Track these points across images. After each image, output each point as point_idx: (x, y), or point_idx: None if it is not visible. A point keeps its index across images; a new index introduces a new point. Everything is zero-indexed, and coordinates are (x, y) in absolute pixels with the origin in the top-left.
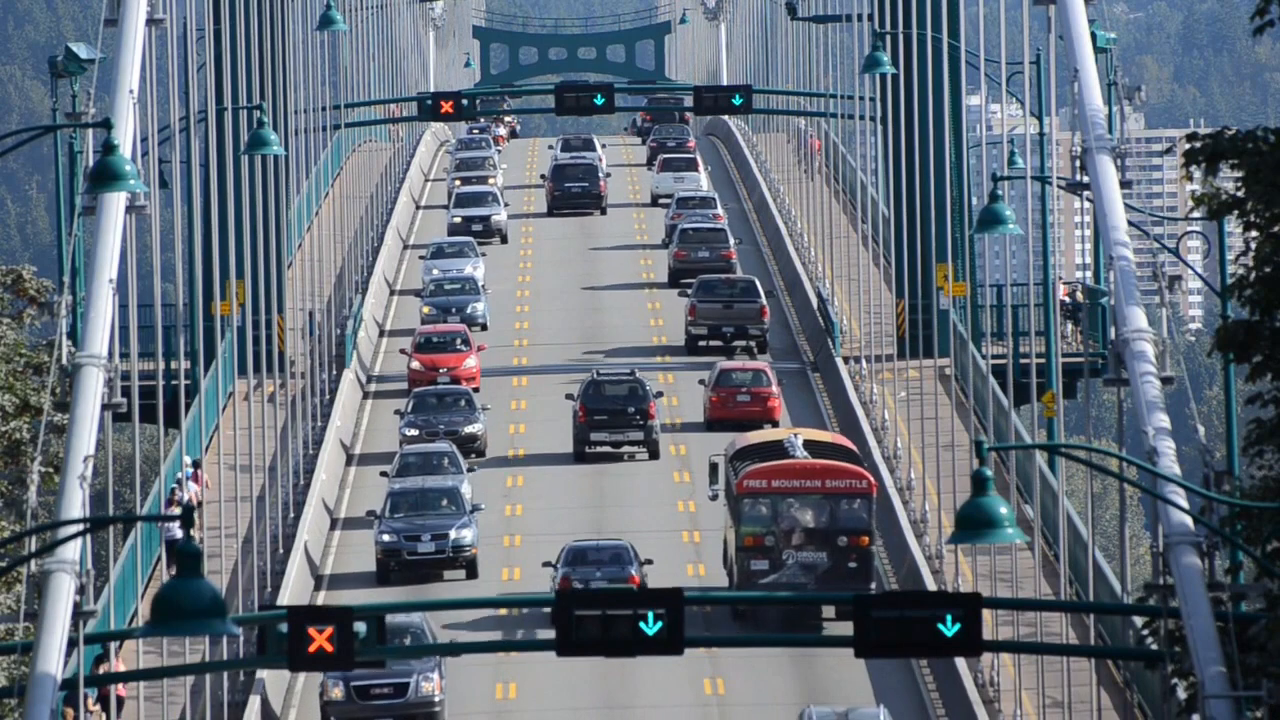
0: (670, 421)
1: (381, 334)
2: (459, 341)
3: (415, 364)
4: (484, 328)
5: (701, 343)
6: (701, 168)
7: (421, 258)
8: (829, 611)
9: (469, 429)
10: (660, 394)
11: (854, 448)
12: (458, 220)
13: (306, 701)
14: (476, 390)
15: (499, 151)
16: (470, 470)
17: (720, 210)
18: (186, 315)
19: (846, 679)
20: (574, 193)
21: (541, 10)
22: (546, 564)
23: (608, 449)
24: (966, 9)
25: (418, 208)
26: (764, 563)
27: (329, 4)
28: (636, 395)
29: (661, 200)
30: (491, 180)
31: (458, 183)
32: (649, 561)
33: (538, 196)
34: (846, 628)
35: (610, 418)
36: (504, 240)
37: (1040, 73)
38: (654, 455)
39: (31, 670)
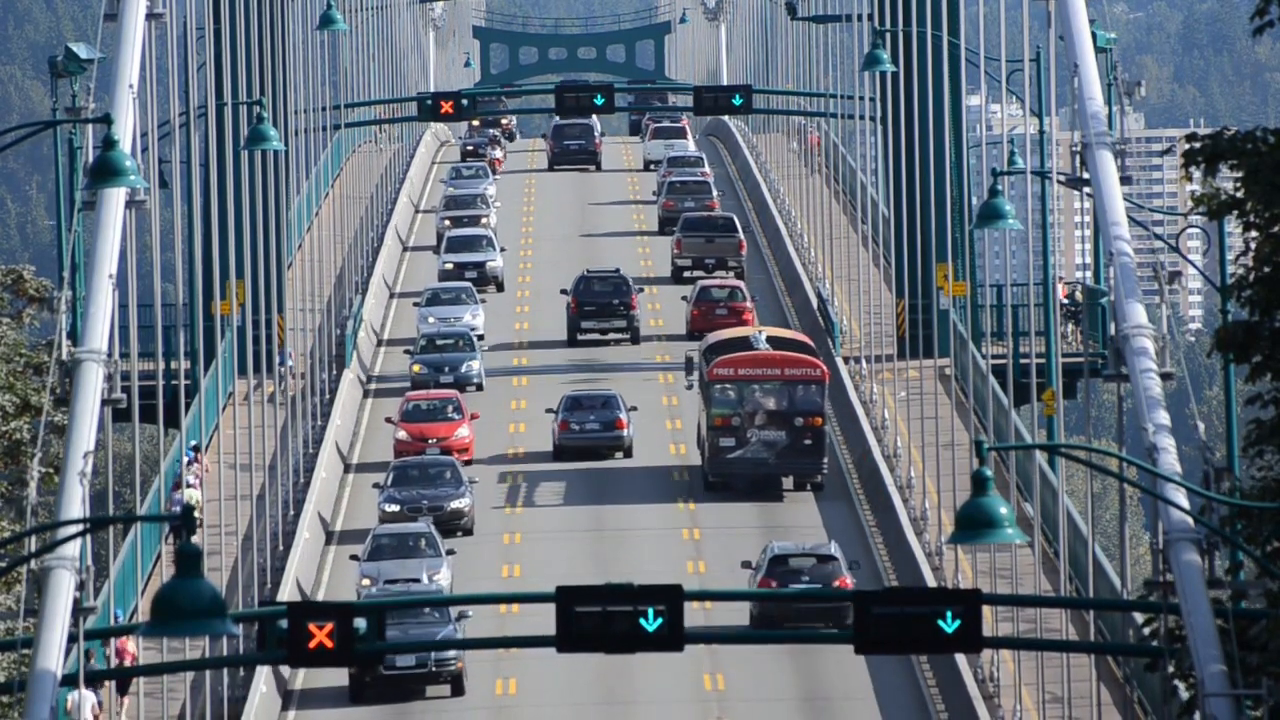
0: (657, 333)
1: (380, 344)
2: (450, 409)
3: (401, 434)
4: (479, 387)
5: (686, 273)
6: (690, 135)
7: (415, 304)
8: (788, 483)
9: (454, 504)
10: (642, 289)
11: (811, 343)
12: (449, 267)
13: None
14: (469, 463)
15: (494, 180)
16: (450, 553)
17: (707, 169)
18: (186, 315)
19: (847, 674)
20: (572, 150)
21: (541, 10)
22: (549, 410)
23: (595, 335)
24: (966, 8)
25: (417, 211)
26: (731, 440)
27: (329, 4)
28: (621, 290)
29: (652, 165)
30: (484, 221)
31: (447, 223)
32: (634, 409)
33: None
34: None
35: (598, 309)
36: (500, 288)
37: (1040, 69)
38: (635, 341)
39: (32, 666)
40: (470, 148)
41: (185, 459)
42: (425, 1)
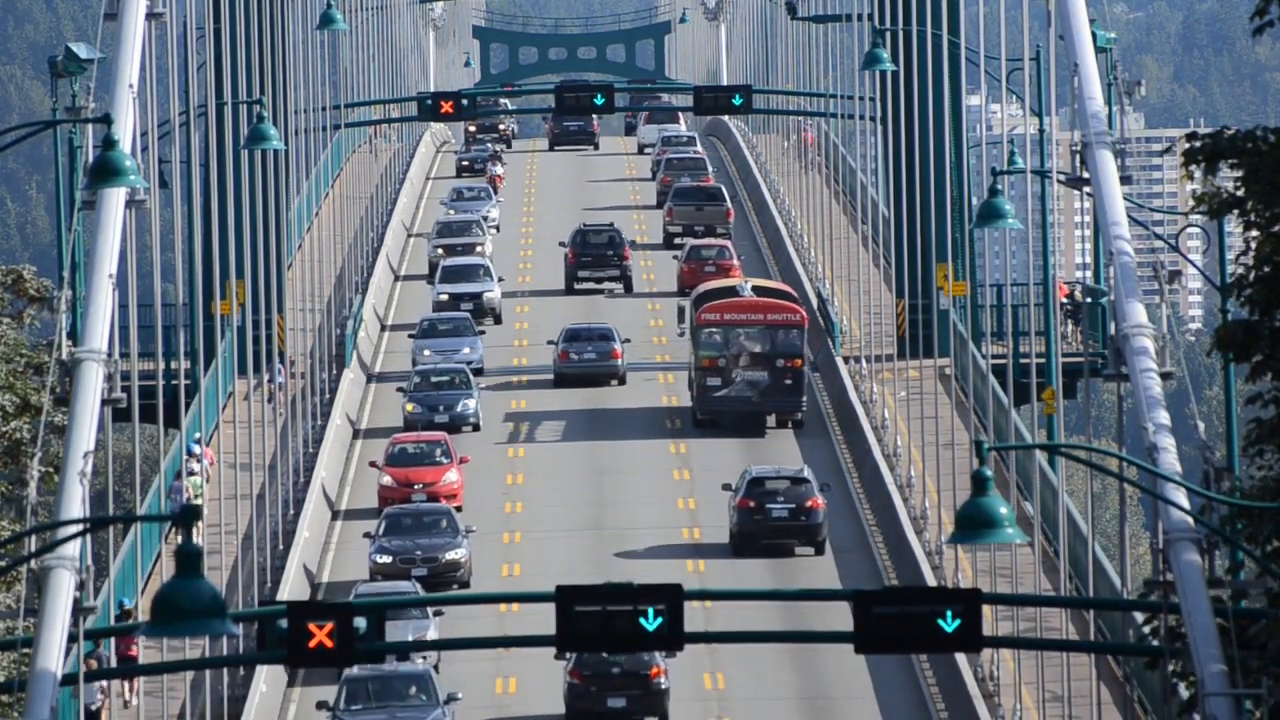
0: (649, 289)
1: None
2: (438, 453)
3: (386, 479)
4: (476, 428)
5: (677, 240)
6: (682, 119)
7: (411, 336)
8: (771, 421)
9: (450, 555)
10: (633, 241)
11: (794, 293)
12: (444, 298)
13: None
14: (459, 509)
15: (498, 202)
16: (438, 614)
17: (699, 149)
18: (186, 315)
19: (847, 673)
20: (571, 130)
21: (541, 10)
22: (550, 341)
23: (591, 284)
24: (966, 8)
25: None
26: (717, 380)
27: (329, 4)
28: (614, 242)
29: (646, 150)
30: (480, 249)
31: (441, 251)
32: (627, 340)
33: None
34: (845, 619)
35: (594, 260)
36: (498, 320)
37: (1040, 68)
38: (628, 289)
39: (32, 666)
40: (466, 162)
41: (187, 453)
42: (425, 1)
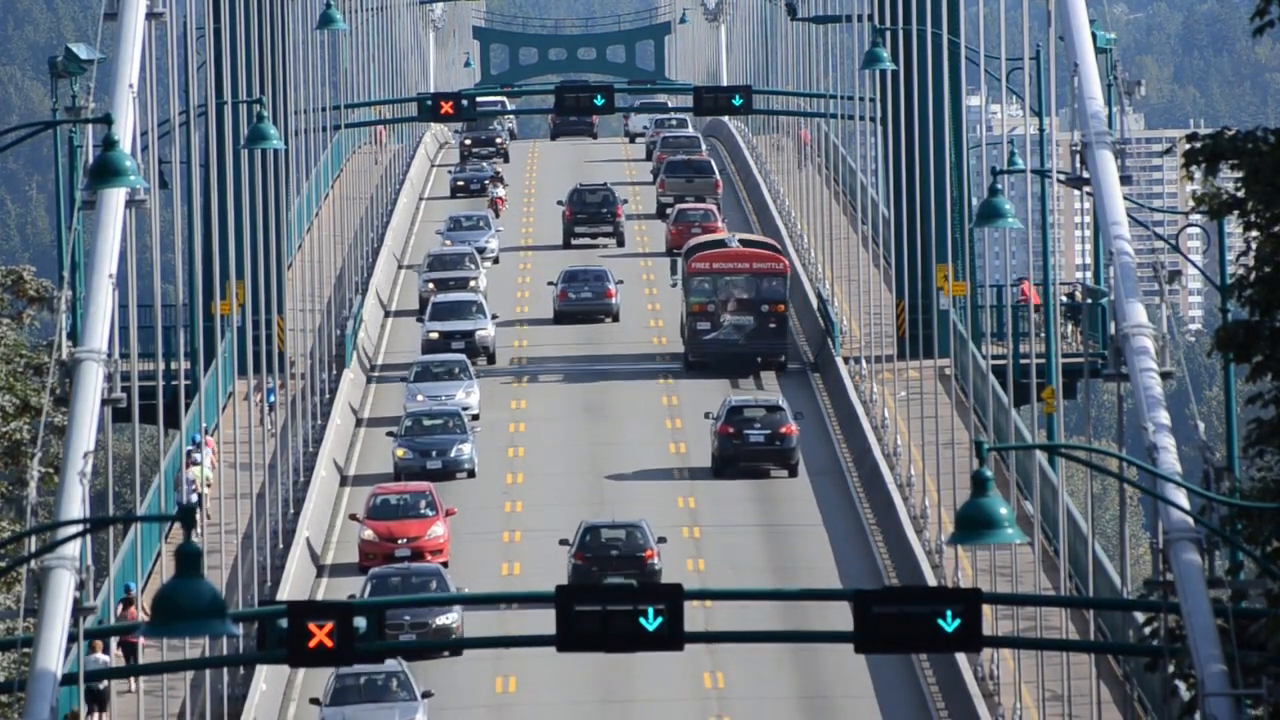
0: (642, 250)
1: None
2: (423, 505)
3: (368, 533)
4: (471, 474)
5: (669, 210)
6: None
7: (403, 379)
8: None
9: (441, 620)
10: (626, 200)
11: (777, 245)
12: (434, 336)
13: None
14: (445, 565)
15: (497, 231)
16: (427, 695)
17: (692, 130)
18: (186, 315)
19: (847, 673)
20: (571, 120)
21: (541, 10)
22: (550, 283)
23: (586, 239)
24: (966, 8)
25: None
26: (707, 324)
27: (329, 3)
28: (608, 200)
29: (638, 138)
30: (474, 283)
31: (431, 286)
32: (620, 282)
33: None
34: (845, 618)
35: (589, 216)
36: (491, 360)
37: (1040, 67)
38: (620, 243)
39: (32, 666)
40: (462, 182)
41: (192, 443)
42: (425, 2)
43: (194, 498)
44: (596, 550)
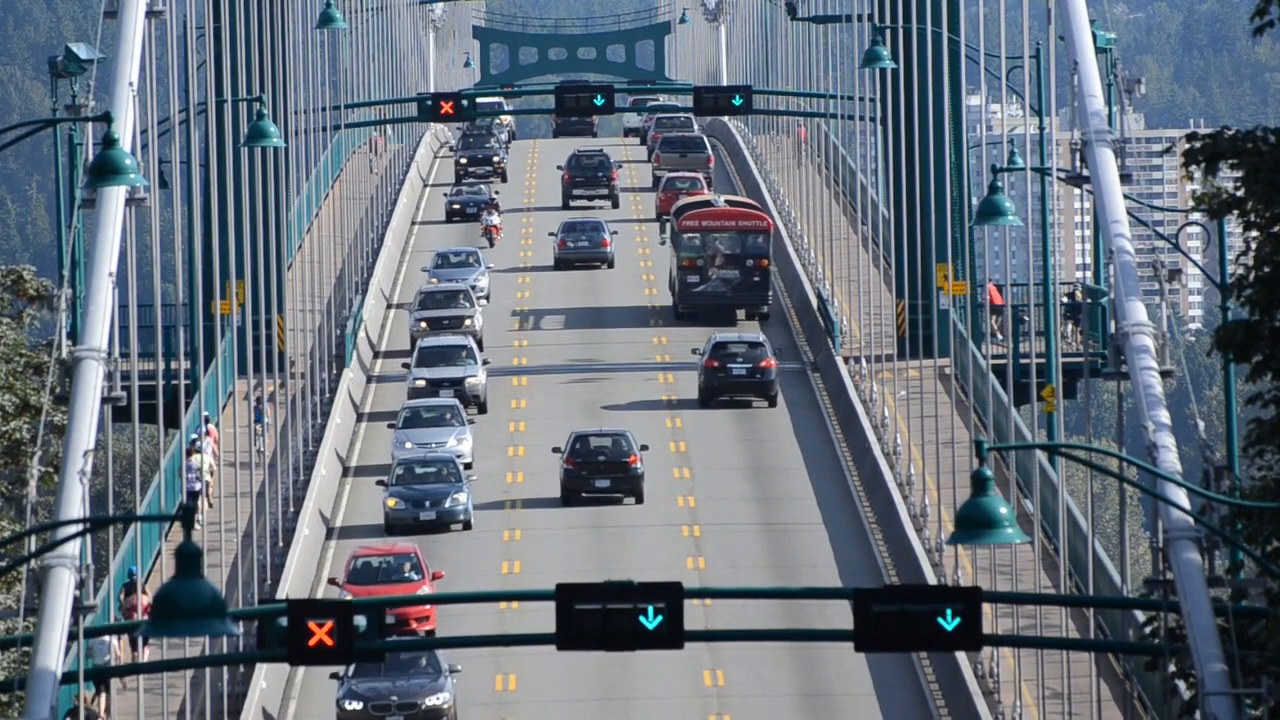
0: (636, 216)
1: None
2: (408, 568)
3: (348, 599)
4: (467, 525)
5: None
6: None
7: (390, 425)
8: (740, 314)
9: (431, 700)
10: (621, 164)
11: (759, 205)
12: (420, 384)
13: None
14: (431, 632)
15: (488, 269)
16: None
17: (686, 118)
18: (186, 314)
19: (847, 671)
20: (572, 120)
21: (541, 10)
22: (551, 234)
23: (584, 201)
24: (966, 7)
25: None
26: (696, 277)
27: (329, 3)
28: (604, 165)
29: (631, 132)
30: (468, 323)
31: (423, 325)
32: (615, 232)
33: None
34: (845, 617)
35: (586, 179)
36: (482, 410)
37: (1040, 66)
38: (615, 205)
39: (32, 665)
40: (457, 206)
41: (193, 435)
42: (425, 2)
43: (197, 486)
44: (585, 456)
